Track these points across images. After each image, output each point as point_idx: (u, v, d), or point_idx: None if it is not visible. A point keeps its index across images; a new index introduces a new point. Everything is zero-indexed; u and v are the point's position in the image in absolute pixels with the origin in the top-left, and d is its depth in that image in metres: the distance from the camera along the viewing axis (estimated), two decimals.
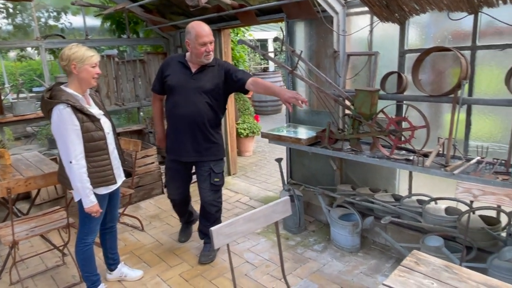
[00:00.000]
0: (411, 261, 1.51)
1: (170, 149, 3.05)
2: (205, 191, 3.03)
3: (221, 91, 2.95)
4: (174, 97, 2.88)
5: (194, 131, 2.89)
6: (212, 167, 3.02)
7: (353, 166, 3.67)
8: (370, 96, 2.92)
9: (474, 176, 2.41)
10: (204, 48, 2.74)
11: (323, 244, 3.36)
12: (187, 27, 2.79)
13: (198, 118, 2.87)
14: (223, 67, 2.97)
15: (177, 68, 2.90)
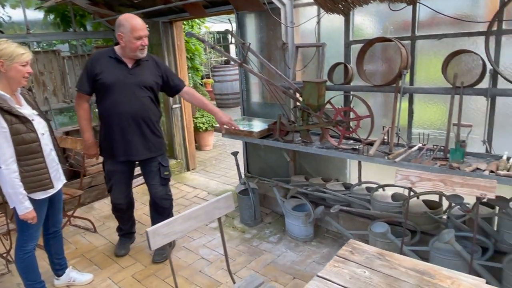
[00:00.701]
0: (346, 251, 1.54)
1: (113, 151, 2.83)
2: (156, 186, 2.95)
3: (159, 88, 2.89)
4: (112, 95, 2.71)
5: (141, 127, 2.80)
6: (161, 162, 2.95)
7: (306, 157, 3.71)
8: (317, 87, 2.93)
9: (415, 163, 2.49)
10: (140, 42, 2.63)
11: (278, 236, 3.38)
12: (119, 20, 2.65)
13: (144, 114, 2.78)
14: (161, 66, 2.91)
15: (110, 64, 2.72)
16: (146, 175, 2.97)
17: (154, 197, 2.99)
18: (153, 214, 3.11)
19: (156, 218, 3.08)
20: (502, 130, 2.67)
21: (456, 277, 1.35)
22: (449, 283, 1.31)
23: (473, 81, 2.50)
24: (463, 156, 2.49)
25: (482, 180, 1.95)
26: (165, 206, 3.03)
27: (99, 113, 2.85)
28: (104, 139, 2.87)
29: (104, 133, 2.85)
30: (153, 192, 2.97)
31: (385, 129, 2.91)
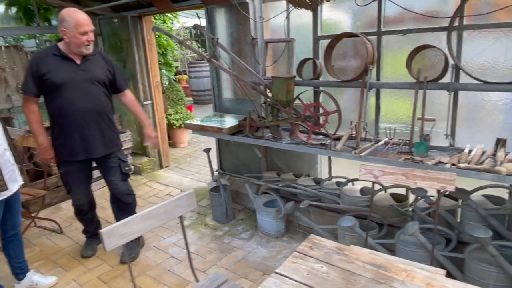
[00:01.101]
0: (306, 246, 1.53)
1: (71, 151, 2.72)
2: (117, 182, 2.88)
3: (109, 82, 2.82)
4: (64, 94, 2.59)
5: (99, 124, 2.72)
6: (120, 157, 2.88)
7: (277, 153, 3.71)
8: (285, 83, 2.93)
9: (380, 157, 2.52)
10: (86, 38, 2.54)
11: (250, 232, 3.37)
12: (62, 15, 2.53)
13: (101, 110, 2.72)
14: (109, 61, 2.84)
15: (56, 62, 2.58)
16: (106, 172, 2.88)
17: (116, 194, 2.92)
18: (116, 211, 3.03)
19: (119, 215, 2.99)
20: (465, 123, 2.74)
21: (412, 269, 1.36)
22: (404, 276, 1.33)
23: (436, 75, 2.54)
24: (427, 150, 2.53)
25: (442, 173, 1.99)
26: (128, 202, 2.97)
27: (50, 114, 2.71)
28: (58, 140, 2.74)
29: (57, 133, 2.73)
30: (115, 189, 2.90)
31: (352, 124, 2.94)
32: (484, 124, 2.71)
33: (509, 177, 2.07)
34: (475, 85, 2.41)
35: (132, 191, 3.02)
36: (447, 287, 1.26)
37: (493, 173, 2.11)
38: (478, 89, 2.44)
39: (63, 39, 2.57)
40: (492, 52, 2.47)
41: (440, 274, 1.77)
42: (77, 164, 2.78)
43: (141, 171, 4.95)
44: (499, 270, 2.24)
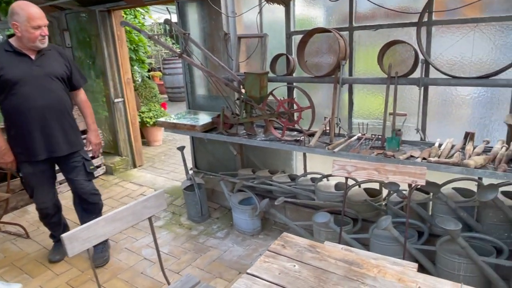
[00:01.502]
0: (278, 245, 1.51)
1: (32, 151, 2.57)
2: (81, 182, 2.76)
3: (67, 78, 2.70)
4: (21, 91, 2.45)
5: (61, 121, 2.60)
6: (84, 156, 2.77)
7: (252, 150, 3.67)
8: (258, 79, 2.89)
9: (353, 152, 2.53)
10: (39, 32, 2.40)
11: (226, 231, 3.32)
12: (12, 8, 2.38)
13: (61, 107, 2.60)
14: (65, 57, 2.72)
15: (10, 58, 2.43)
16: (69, 172, 2.75)
17: (81, 194, 2.79)
18: (82, 213, 2.89)
19: (85, 217, 2.86)
20: (435, 118, 2.79)
21: (383, 265, 1.36)
22: (376, 272, 1.32)
23: (406, 71, 2.57)
24: (398, 145, 2.56)
25: (413, 168, 2.00)
26: (95, 201, 2.86)
27: (4, 113, 2.55)
28: (16, 140, 2.58)
29: (14, 133, 2.58)
30: (80, 189, 2.77)
31: (326, 119, 2.93)
32: (453, 118, 2.76)
33: (477, 170, 2.11)
34: (444, 80, 2.45)
35: (98, 190, 2.91)
36: (418, 281, 1.26)
37: (462, 167, 2.15)
38: (447, 84, 2.48)
39: (15, 34, 2.43)
40: (460, 47, 2.51)
41: (412, 268, 1.79)
42: (39, 165, 2.63)
43: (113, 170, 4.81)
44: (469, 261, 2.29)
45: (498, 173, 2.06)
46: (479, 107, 2.64)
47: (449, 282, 1.26)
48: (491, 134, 2.63)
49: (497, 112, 2.58)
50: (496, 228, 2.41)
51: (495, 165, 2.15)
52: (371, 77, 2.74)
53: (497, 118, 2.59)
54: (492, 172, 2.07)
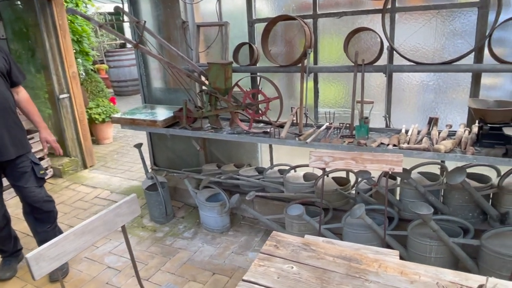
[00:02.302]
0: (270, 245, 1.40)
1: None
2: (32, 189, 2.45)
3: (6, 73, 2.40)
4: None
5: (7, 121, 2.29)
6: (32, 159, 2.47)
7: (216, 144, 3.53)
8: (223, 69, 2.74)
9: (324, 142, 2.48)
10: None
11: (193, 230, 3.16)
12: None
13: (5, 104, 2.29)
14: (4, 51, 2.41)
15: None
16: (17, 179, 2.43)
17: (33, 203, 2.47)
18: (35, 223, 2.58)
19: (40, 227, 2.57)
20: (398, 105, 2.83)
21: (382, 259, 1.31)
22: (376, 267, 1.27)
23: (372, 58, 2.56)
24: (367, 132, 2.56)
25: (390, 155, 2.00)
26: (50, 209, 2.56)
27: None
28: None
29: None
30: (31, 197, 2.46)
31: (293, 110, 2.86)
32: (415, 104, 2.82)
33: (448, 154, 2.15)
34: (409, 67, 2.47)
35: (51, 197, 2.61)
36: (420, 272, 1.23)
37: (433, 152, 2.19)
38: (413, 71, 2.51)
39: None
40: (423, 34, 2.55)
41: (395, 256, 1.79)
42: None
43: (62, 173, 4.40)
44: (439, 243, 2.36)
45: (467, 156, 2.11)
46: (431, 93, 2.71)
47: (449, 270, 1.24)
48: (446, 118, 2.71)
49: (445, 97, 2.66)
50: (461, 209, 2.50)
51: (462, 149, 2.21)
52: (338, 65, 2.71)
53: (447, 102, 2.67)
54: (462, 156, 2.12)
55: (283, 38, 3.01)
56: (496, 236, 2.27)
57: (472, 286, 1.16)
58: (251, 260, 2.69)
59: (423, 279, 1.20)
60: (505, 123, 2.19)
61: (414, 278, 1.21)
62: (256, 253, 2.77)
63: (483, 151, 2.19)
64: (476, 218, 2.51)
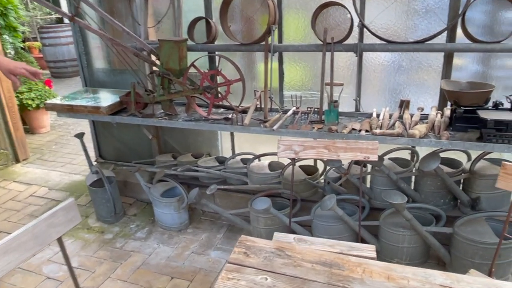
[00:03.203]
0: (239, 253, 1.27)
1: None
2: None
3: None
4: None
5: None
6: None
7: (171, 132, 3.32)
8: (177, 47, 2.53)
9: (292, 129, 2.38)
10: None
11: (147, 229, 2.97)
12: None
13: None
14: None
15: None
16: None
17: None
18: None
19: None
20: (367, 87, 2.78)
21: (366, 262, 1.22)
22: (361, 272, 1.18)
23: (342, 36, 2.46)
24: (337, 117, 2.48)
25: (365, 143, 1.92)
26: None
27: None
28: None
29: None
30: None
31: (257, 93, 2.72)
32: (384, 86, 2.78)
33: (423, 140, 2.12)
34: (381, 46, 2.40)
35: None
36: (408, 276, 1.16)
37: (408, 137, 2.15)
38: (385, 50, 2.44)
39: None
40: (394, 11, 2.48)
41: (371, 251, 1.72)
42: None
43: None
44: (412, 232, 2.36)
45: (443, 141, 2.09)
46: (401, 74, 2.68)
47: (438, 272, 1.18)
48: (417, 100, 2.70)
49: (415, 79, 2.65)
50: (433, 196, 2.52)
51: (436, 133, 2.20)
52: (305, 44, 2.59)
53: (418, 83, 2.66)
54: (438, 141, 2.10)
55: (243, 13, 2.83)
56: (468, 223, 2.30)
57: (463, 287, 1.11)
58: (214, 260, 2.56)
59: (412, 284, 1.13)
60: (479, 105, 2.20)
61: (403, 283, 1.13)
62: (219, 252, 2.65)
63: (457, 135, 2.18)
64: (447, 204, 2.54)
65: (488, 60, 2.51)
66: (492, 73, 2.53)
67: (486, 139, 2.02)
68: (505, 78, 2.52)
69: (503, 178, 1.59)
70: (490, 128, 1.99)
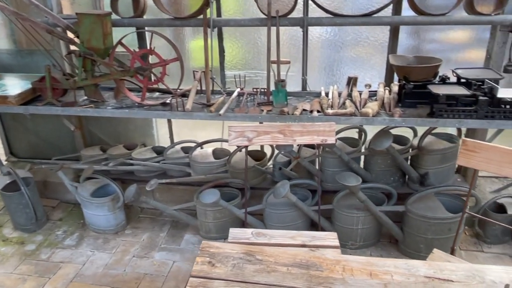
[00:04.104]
0: (203, 263, 1.12)
1: None
2: None
3: None
4: None
5: None
6: None
7: (97, 121, 3.02)
8: (99, 22, 2.24)
9: (240, 113, 2.24)
10: None
11: (77, 234, 2.68)
12: None
13: None
14: None
15: None
16: None
17: None
18: None
19: None
20: (313, 64, 2.72)
21: (344, 259, 1.15)
22: (341, 271, 1.10)
23: (287, 10, 2.35)
24: (286, 98, 2.39)
25: (321, 125, 1.85)
26: None
27: None
28: None
29: None
30: None
31: (197, 74, 2.53)
32: (328, 63, 2.74)
33: (377, 118, 2.11)
34: (328, 19, 2.34)
35: None
36: (391, 271, 1.10)
37: (361, 116, 2.12)
38: (333, 24, 2.38)
39: None
40: None
41: (333, 239, 1.68)
42: None
43: None
44: (366, 213, 2.38)
45: (396, 119, 2.10)
46: (345, 49, 2.67)
47: (420, 262, 1.15)
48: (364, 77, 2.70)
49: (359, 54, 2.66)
50: (383, 174, 2.56)
51: (387, 110, 2.20)
52: (248, 18, 2.44)
53: (364, 59, 2.67)
54: (391, 119, 2.10)
55: None
56: (419, 200, 2.37)
57: (448, 276, 1.08)
58: (159, 262, 2.38)
59: (397, 279, 1.08)
60: (428, 80, 2.24)
61: (387, 279, 1.08)
62: (165, 253, 2.47)
63: (407, 111, 2.21)
64: (397, 182, 2.61)
65: (418, 34, 2.58)
66: (424, 46, 2.61)
67: (438, 114, 2.06)
68: (435, 51, 2.61)
69: (463, 155, 1.61)
70: (441, 103, 2.02)
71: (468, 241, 2.53)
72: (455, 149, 2.44)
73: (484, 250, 2.44)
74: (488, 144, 1.56)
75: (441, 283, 1.06)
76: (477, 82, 2.10)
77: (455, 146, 2.44)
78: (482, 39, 2.48)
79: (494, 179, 2.74)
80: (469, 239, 2.54)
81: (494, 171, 1.59)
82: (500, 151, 1.54)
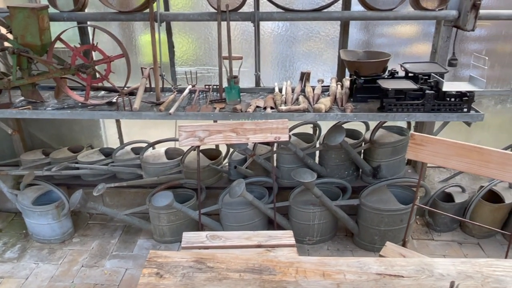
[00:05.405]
0: (151, 275, 1.08)
1: None
2: None
3: None
4: None
5: None
6: None
7: (37, 123, 2.85)
8: (35, 16, 2.10)
9: (192, 111, 2.19)
10: None
11: (19, 246, 2.52)
12: None
13: None
14: None
15: None
16: None
17: None
18: None
19: None
20: (265, 59, 2.72)
21: (297, 261, 1.15)
22: (294, 274, 1.10)
23: (237, 4, 2.32)
24: (239, 95, 2.37)
25: (274, 122, 1.85)
26: None
27: None
28: None
29: None
30: None
31: (145, 71, 2.44)
32: (280, 58, 2.74)
33: (329, 114, 2.13)
34: (279, 14, 2.33)
35: None
36: (343, 270, 1.11)
37: (315, 112, 2.14)
38: (284, 19, 2.39)
39: None
40: None
41: (289, 238, 1.69)
42: None
43: None
44: (322, 208, 2.42)
45: (348, 114, 2.13)
46: (296, 45, 2.69)
47: (371, 259, 1.17)
48: (317, 72, 2.74)
49: (310, 49, 2.69)
50: (338, 169, 2.61)
51: (339, 106, 2.24)
52: (197, 12, 2.37)
53: (316, 54, 2.70)
54: (343, 114, 2.13)
55: None
56: (372, 192, 2.44)
57: (399, 272, 1.11)
58: (111, 271, 2.29)
59: (349, 278, 1.09)
60: (377, 75, 2.29)
61: (340, 278, 1.09)
62: (116, 260, 2.38)
63: (359, 106, 2.25)
64: (351, 175, 2.67)
65: (368, 29, 2.65)
66: (374, 41, 2.68)
67: (387, 109, 2.11)
68: (385, 45, 2.69)
69: (412, 149, 1.66)
70: (391, 97, 2.08)
71: (420, 230, 2.64)
72: (406, 142, 2.53)
73: (435, 238, 2.56)
74: (434, 138, 1.62)
75: (392, 279, 1.08)
76: (424, 76, 2.18)
77: (405, 138, 2.54)
78: (428, 33, 2.58)
79: (442, 169, 2.87)
80: (420, 228, 2.65)
81: (441, 163, 1.65)
82: (446, 144, 1.60)
